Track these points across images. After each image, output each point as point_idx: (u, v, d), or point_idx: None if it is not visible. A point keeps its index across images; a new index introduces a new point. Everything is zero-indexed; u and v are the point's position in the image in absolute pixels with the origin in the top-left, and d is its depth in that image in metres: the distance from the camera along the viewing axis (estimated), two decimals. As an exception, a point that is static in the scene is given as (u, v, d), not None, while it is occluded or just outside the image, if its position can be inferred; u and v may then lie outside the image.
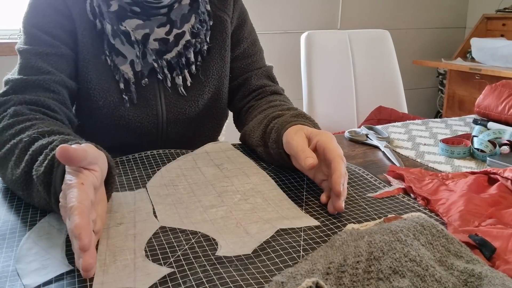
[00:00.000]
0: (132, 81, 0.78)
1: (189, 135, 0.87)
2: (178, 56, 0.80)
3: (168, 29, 0.78)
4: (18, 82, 0.69)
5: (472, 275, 0.41)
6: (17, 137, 0.58)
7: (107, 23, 0.75)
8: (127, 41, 0.76)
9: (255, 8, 2.46)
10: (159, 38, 0.77)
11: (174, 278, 0.43)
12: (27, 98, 0.67)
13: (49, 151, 0.52)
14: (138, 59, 0.77)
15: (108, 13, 0.75)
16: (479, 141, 0.80)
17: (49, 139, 0.55)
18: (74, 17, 0.75)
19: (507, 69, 2.23)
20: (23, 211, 0.56)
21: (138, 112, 0.81)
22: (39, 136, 0.57)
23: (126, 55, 0.77)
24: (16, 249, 0.48)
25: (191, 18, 0.81)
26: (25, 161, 0.54)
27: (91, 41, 0.76)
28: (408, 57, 2.74)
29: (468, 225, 0.53)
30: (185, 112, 0.84)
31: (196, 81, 0.84)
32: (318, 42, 1.63)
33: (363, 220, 0.54)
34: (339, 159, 0.57)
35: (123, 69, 0.77)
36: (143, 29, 0.76)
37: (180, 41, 0.80)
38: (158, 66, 0.79)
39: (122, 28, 0.75)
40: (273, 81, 0.92)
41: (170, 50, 0.79)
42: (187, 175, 0.67)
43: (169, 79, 0.81)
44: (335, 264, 0.42)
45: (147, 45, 0.77)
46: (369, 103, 1.65)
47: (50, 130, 0.59)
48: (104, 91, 0.78)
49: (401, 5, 2.84)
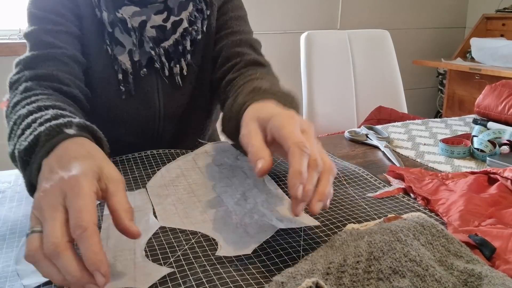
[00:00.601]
0: (130, 71, 0.77)
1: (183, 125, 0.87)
2: (176, 44, 0.79)
3: (165, 16, 0.77)
4: (29, 58, 0.67)
5: (472, 275, 0.41)
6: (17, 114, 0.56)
7: (103, 11, 0.74)
8: (124, 29, 0.75)
9: (255, 8, 2.46)
10: (156, 25, 0.76)
11: (174, 278, 0.43)
12: (39, 72, 0.65)
13: (37, 125, 0.48)
14: (135, 47, 0.76)
15: (105, 1, 0.74)
16: (479, 141, 0.80)
17: (43, 113, 0.52)
18: (79, 3, 0.75)
19: (507, 69, 2.23)
20: (23, 212, 0.56)
21: (136, 104, 0.80)
22: (35, 110, 0.54)
23: (125, 44, 0.76)
24: (16, 249, 0.48)
25: (189, 6, 0.80)
26: (17, 136, 0.51)
27: (95, 29, 0.75)
28: (408, 57, 2.74)
29: (468, 225, 0.53)
30: (180, 103, 0.83)
31: (189, 70, 0.83)
32: (318, 42, 1.64)
33: (363, 220, 0.54)
34: (296, 148, 0.43)
35: (121, 59, 0.76)
36: (139, 16, 0.75)
37: (177, 28, 0.79)
38: (155, 54, 0.78)
39: (119, 16, 0.74)
40: (256, 51, 0.83)
41: (167, 37, 0.78)
42: (187, 175, 0.67)
43: (167, 68, 0.80)
44: (335, 264, 0.42)
45: (144, 33, 0.76)
46: (369, 103, 1.65)
47: (50, 104, 0.55)
48: (105, 81, 0.77)
49: (400, 5, 2.84)
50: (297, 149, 0.43)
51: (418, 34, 2.95)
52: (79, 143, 0.46)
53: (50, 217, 0.38)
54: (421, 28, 2.96)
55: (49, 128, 0.47)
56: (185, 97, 0.84)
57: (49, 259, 0.37)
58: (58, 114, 0.51)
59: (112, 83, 0.78)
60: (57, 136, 0.46)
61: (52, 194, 0.39)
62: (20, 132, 0.51)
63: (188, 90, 0.84)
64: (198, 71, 0.84)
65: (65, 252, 0.36)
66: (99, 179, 0.41)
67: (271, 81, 0.69)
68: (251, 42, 0.83)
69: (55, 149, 0.45)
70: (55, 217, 0.38)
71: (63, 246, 0.36)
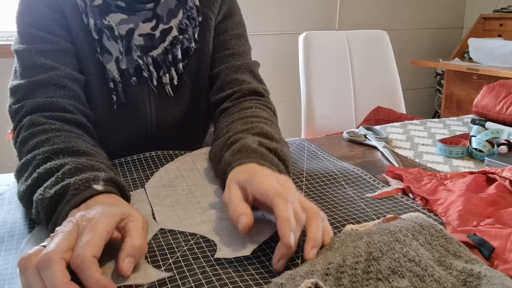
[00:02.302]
0: (118, 80, 0.75)
1: (178, 138, 0.85)
2: (165, 53, 0.77)
3: (154, 24, 0.75)
4: (26, 86, 0.66)
5: (471, 275, 0.41)
6: (32, 153, 0.56)
7: (90, 17, 0.72)
8: (111, 36, 0.73)
9: (253, 9, 2.47)
10: (144, 33, 0.74)
11: (173, 280, 0.43)
12: (40, 102, 0.64)
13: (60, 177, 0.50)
14: (122, 55, 0.74)
15: (92, 7, 0.72)
16: (477, 141, 0.80)
17: (61, 161, 0.53)
18: (67, 14, 0.73)
19: (505, 69, 2.23)
20: (22, 214, 0.56)
21: (128, 113, 0.79)
22: (51, 156, 0.55)
23: (112, 52, 0.74)
24: (15, 251, 0.47)
25: (179, 14, 0.78)
26: (31, 179, 0.52)
27: (85, 38, 0.74)
28: (406, 58, 2.74)
29: (467, 224, 0.53)
30: (173, 113, 0.82)
31: (181, 81, 0.81)
32: (316, 43, 1.64)
33: (362, 221, 0.54)
34: (279, 199, 0.45)
35: (109, 67, 0.74)
36: (127, 24, 0.73)
37: (167, 37, 0.77)
38: (143, 63, 0.75)
39: (106, 23, 0.72)
40: (256, 78, 0.83)
41: (156, 46, 0.76)
42: (185, 176, 0.67)
43: (155, 77, 0.77)
44: (334, 264, 0.42)
45: (132, 41, 0.74)
46: (367, 103, 1.65)
47: (65, 147, 0.56)
48: (99, 90, 0.76)
49: (398, 5, 2.85)
50: (280, 199, 0.45)
51: (416, 35, 2.96)
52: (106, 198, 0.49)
53: (59, 236, 0.40)
54: (419, 29, 2.96)
55: (78, 183, 0.49)
56: (179, 109, 0.83)
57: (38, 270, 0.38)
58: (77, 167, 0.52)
59: (104, 92, 0.76)
60: (85, 191, 0.48)
61: (72, 223, 0.42)
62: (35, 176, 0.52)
63: (182, 101, 0.82)
64: (192, 84, 0.83)
65: (56, 265, 0.37)
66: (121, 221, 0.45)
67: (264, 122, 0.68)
68: (251, 67, 0.83)
69: (83, 204, 0.47)
70: (64, 238, 0.40)
71: (57, 259, 0.38)
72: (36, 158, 0.55)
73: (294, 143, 0.87)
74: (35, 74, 0.67)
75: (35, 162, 0.54)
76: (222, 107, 0.79)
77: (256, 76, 0.83)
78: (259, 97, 0.79)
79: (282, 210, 0.44)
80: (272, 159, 0.58)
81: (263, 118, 0.69)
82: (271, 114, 0.75)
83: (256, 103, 0.76)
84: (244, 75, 0.81)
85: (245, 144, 0.59)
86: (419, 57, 2.84)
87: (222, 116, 0.77)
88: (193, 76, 0.83)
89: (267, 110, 0.75)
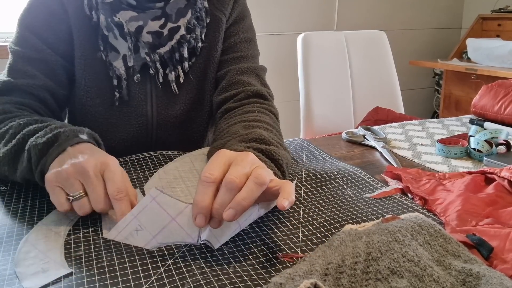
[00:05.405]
0: (123, 77, 0.77)
1: (178, 137, 0.86)
2: (172, 51, 0.79)
3: (162, 23, 0.77)
4: (6, 84, 0.71)
5: (470, 275, 0.41)
6: (7, 125, 0.62)
7: (101, 14, 0.74)
8: (120, 34, 0.75)
9: (252, 9, 2.46)
10: (152, 31, 0.76)
11: (172, 281, 0.43)
12: (14, 100, 0.70)
13: (49, 130, 0.57)
14: (130, 52, 0.76)
15: (103, 4, 0.74)
16: (476, 141, 0.80)
17: (45, 123, 0.60)
18: (70, 15, 0.75)
19: (503, 69, 2.24)
20: (20, 214, 0.56)
21: (129, 111, 0.80)
22: (31, 121, 0.61)
23: (119, 49, 0.76)
24: (13, 252, 0.47)
25: (187, 13, 0.79)
26: (16, 139, 0.58)
27: (87, 38, 0.76)
28: (404, 58, 2.75)
29: (466, 224, 0.53)
30: (174, 113, 0.83)
31: (186, 80, 0.83)
32: (315, 43, 1.64)
33: (361, 221, 0.54)
34: (199, 181, 0.46)
35: (116, 65, 0.76)
36: (136, 21, 0.75)
37: (174, 35, 0.78)
38: (150, 60, 0.77)
39: (116, 20, 0.74)
40: (261, 82, 0.85)
41: (163, 44, 0.78)
42: (184, 177, 0.67)
43: (161, 75, 0.79)
44: (333, 265, 0.42)
45: (140, 38, 0.76)
46: (366, 103, 1.65)
47: (41, 118, 0.63)
48: (98, 88, 0.78)
49: (397, 6, 2.85)
50: (200, 180, 0.46)
51: (415, 35, 2.96)
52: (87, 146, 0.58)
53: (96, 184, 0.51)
54: (418, 29, 2.97)
55: (67, 131, 0.57)
56: (181, 107, 0.83)
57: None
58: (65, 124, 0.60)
59: (105, 90, 0.78)
60: (73, 139, 0.57)
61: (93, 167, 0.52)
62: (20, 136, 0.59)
63: (185, 100, 0.83)
64: (198, 84, 0.84)
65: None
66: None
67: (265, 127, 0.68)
68: (258, 71, 0.84)
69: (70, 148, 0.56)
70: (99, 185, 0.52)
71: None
72: (13, 127, 0.61)
73: (293, 143, 0.87)
74: (16, 76, 0.72)
75: (12, 131, 0.60)
76: (225, 107, 0.80)
77: (261, 80, 0.85)
78: (263, 100, 0.80)
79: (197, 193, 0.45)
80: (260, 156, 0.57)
81: (264, 123, 0.70)
82: (273, 119, 0.76)
83: (259, 107, 0.77)
84: (249, 78, 0.82)
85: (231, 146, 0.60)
86: (417, 58, 2.84)
87: (224, 117, 0.78)
88: (199, 76, 0.84)
89: (269, 115, 0.76)
